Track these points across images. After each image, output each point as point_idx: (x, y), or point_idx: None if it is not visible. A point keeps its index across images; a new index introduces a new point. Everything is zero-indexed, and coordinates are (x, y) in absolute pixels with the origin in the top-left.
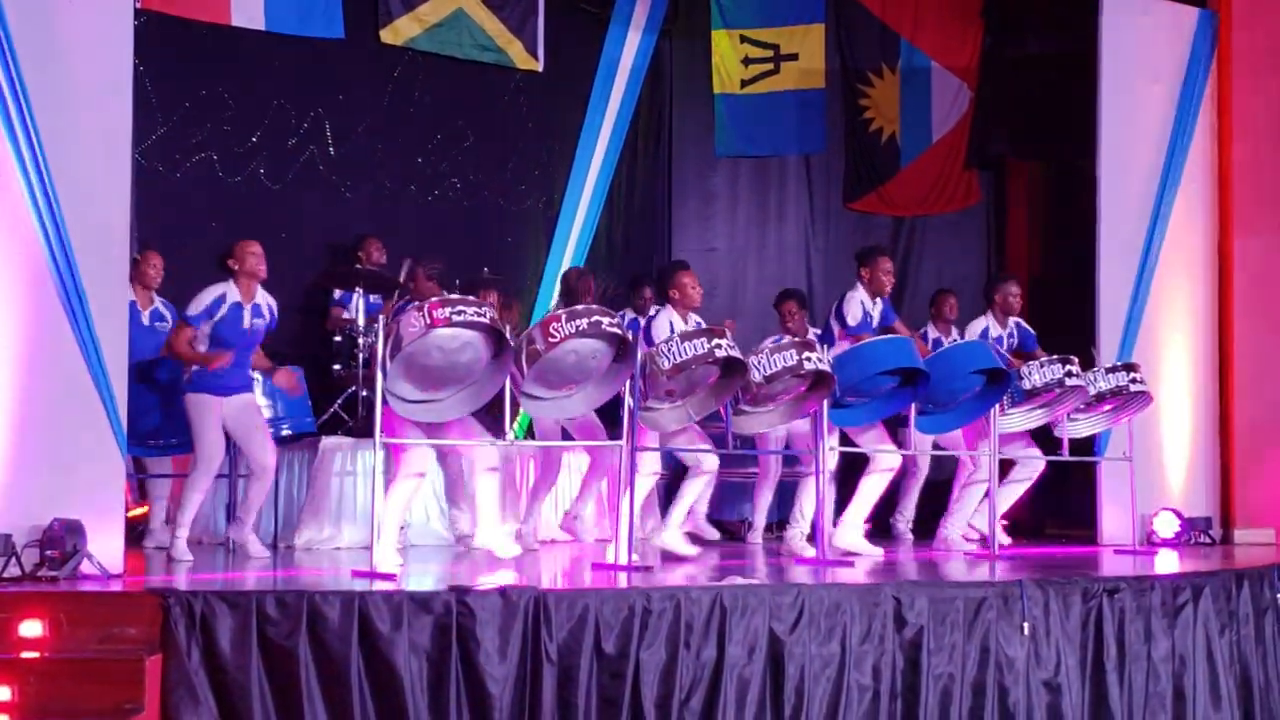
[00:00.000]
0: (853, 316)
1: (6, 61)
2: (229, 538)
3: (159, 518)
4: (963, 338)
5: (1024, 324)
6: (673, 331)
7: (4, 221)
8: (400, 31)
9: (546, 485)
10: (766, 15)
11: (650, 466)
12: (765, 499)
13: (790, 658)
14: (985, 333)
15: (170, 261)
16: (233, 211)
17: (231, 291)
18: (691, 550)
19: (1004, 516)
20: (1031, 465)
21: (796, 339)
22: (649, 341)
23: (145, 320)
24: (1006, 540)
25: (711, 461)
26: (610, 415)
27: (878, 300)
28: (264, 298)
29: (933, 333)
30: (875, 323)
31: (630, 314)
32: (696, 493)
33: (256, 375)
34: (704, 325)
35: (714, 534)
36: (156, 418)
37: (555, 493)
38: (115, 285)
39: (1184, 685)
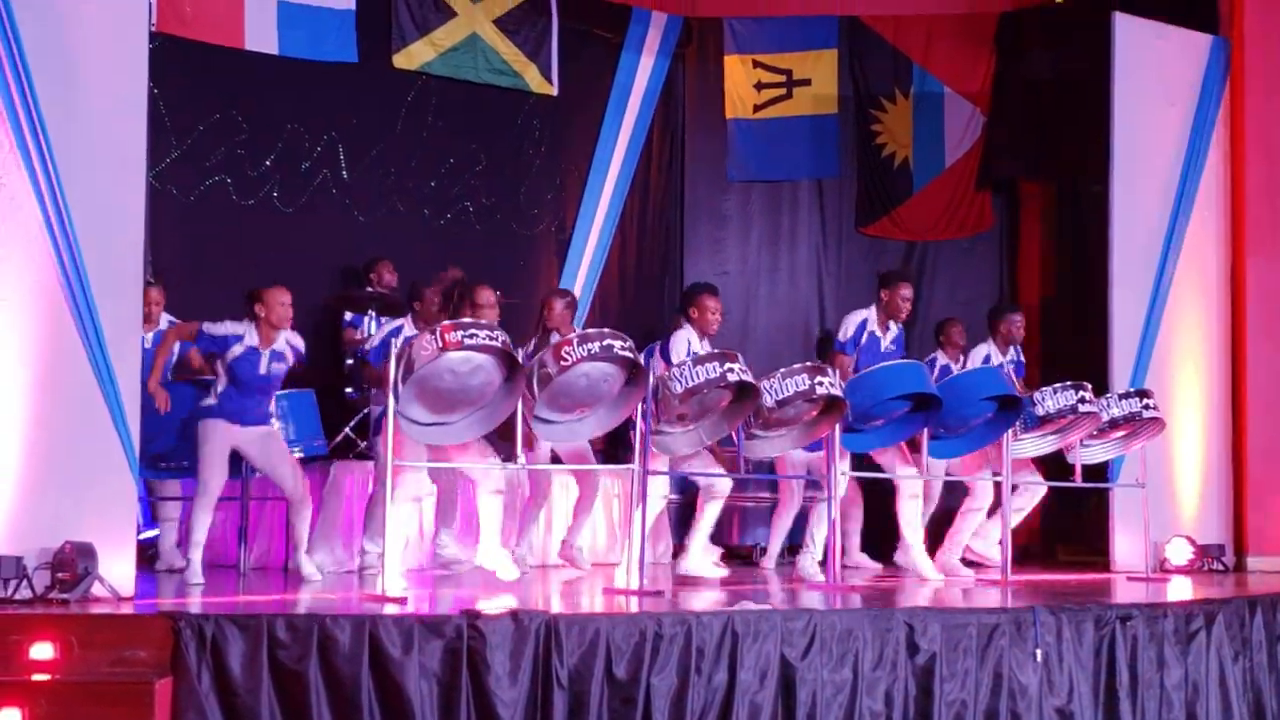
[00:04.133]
0: (843, 333)
1: (22, 84)
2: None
3: (169, 540)
4: (966, 364)
5: (1021, 355)
6: (689, 352)
7: (18, 244)
8: (414, 56)
9: (537, 507)
10: (779, 41)
11: (659, 490)
12: (784, 524)
13: (802, 683)
14: (987, 359)
15: (183, 285)
16: (246, 234)
17: (250, 335)
18: (719, 573)
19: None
20: (1032, 492)
21: (808, 364)
22: (665, 359)
23: (146, 343)
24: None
25: (723, 485)
26: (622, 439)
27: (891, 326)
28: (286, 340)
29: (941, 359)
30: (884, 347)
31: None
32: (714, 516)
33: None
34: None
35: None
36: (168, 440)
37: (550, 516)
38: (129, 307)
39: (1197, 713)
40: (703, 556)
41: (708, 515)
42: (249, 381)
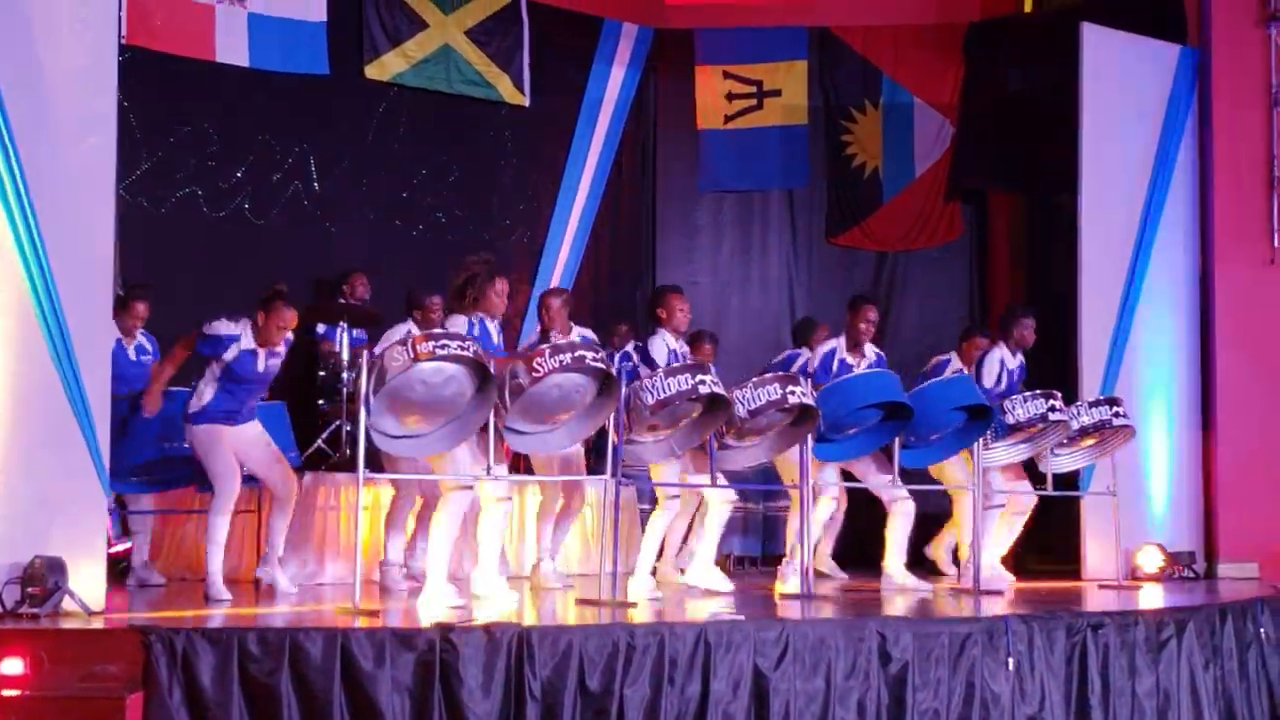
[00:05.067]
0: (810, 364)
1: None
2: (258, 577)
3: (141, 555)
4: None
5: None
6: (669, 352)
7: None
8: (386, 67)
9: (569, 518)
10: (750, 52)
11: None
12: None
13: (775, 693)
14: (1002, 364)
15: (154, 297)
16: (217, 247)
17: (246, 337)
18: (728, 585)
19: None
20: (1024, 501)
21: (780, 373)
22: (648, 365)
23: (131, 355)
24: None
25: (714, 495)
26: (595, 448)
27: (868, 351)
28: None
29: (956, 363)
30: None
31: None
32: (721, 527)
33: None
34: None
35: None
36: (144, 454)
37: (521, 526)
38: (99, 321)
39: None
40: (714, 569)
41: (714, 527)
42: (247, 379)
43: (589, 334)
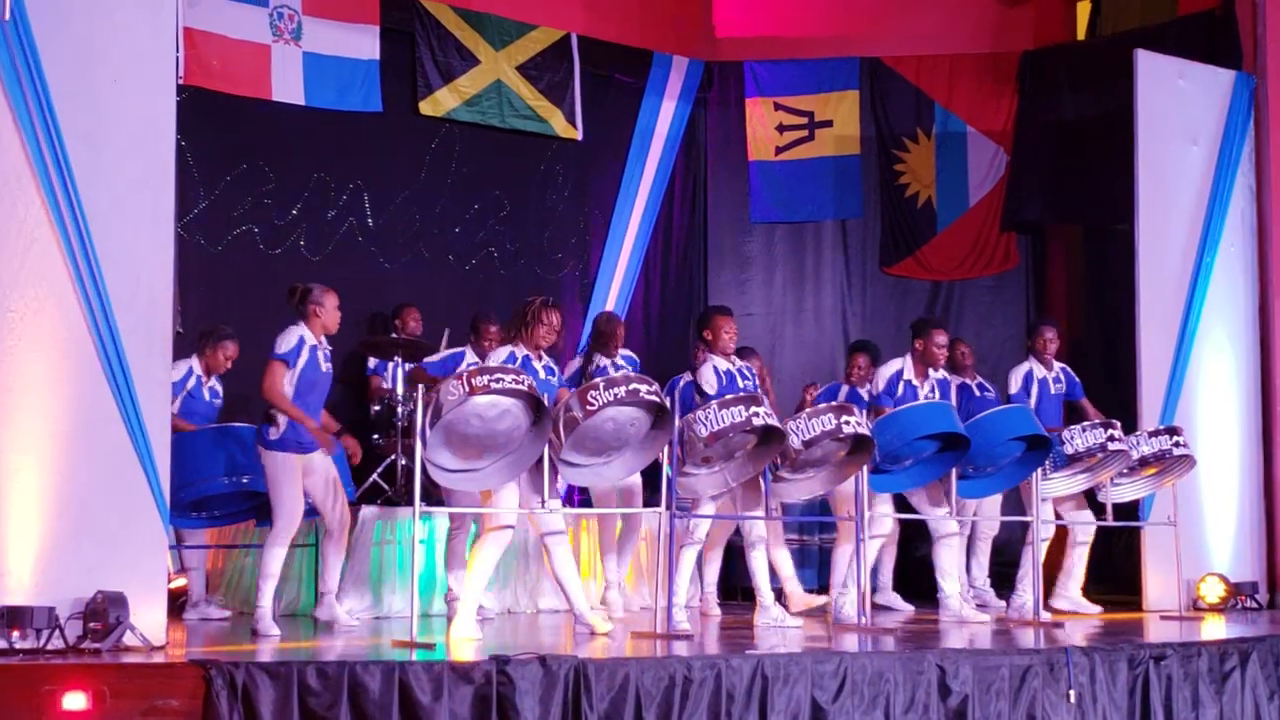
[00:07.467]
0: (875, 386)
1: (51, 137)
2: (315, 618)
3: (198, 589)
4: (1006, 386)
5: (1071, 371)
6: (717, 375)
7: (49, 295)
8: (440, 103)
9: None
10: (800, 83)
11: (703, 533)
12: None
13: None
14: (1029, 376)
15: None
16: (273, 283)
17: (307, 334)
18: (797, 622)
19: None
20: (1087, 529)
21: (835, 404)
22: (700, 393)
23: (206, 395)
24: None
25: (759, 529)
26: (650, 481)
27: (931, 373)
28: (324, 344)
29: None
30: (923, 396)
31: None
32: (764, 563)
33: None
34: (753, 374)
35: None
36: (201, 489)
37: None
38: (158, 358)
39: None
40: (777, 606)
41: (760, 566)
42: (313, 383)
43: (631, 355)
